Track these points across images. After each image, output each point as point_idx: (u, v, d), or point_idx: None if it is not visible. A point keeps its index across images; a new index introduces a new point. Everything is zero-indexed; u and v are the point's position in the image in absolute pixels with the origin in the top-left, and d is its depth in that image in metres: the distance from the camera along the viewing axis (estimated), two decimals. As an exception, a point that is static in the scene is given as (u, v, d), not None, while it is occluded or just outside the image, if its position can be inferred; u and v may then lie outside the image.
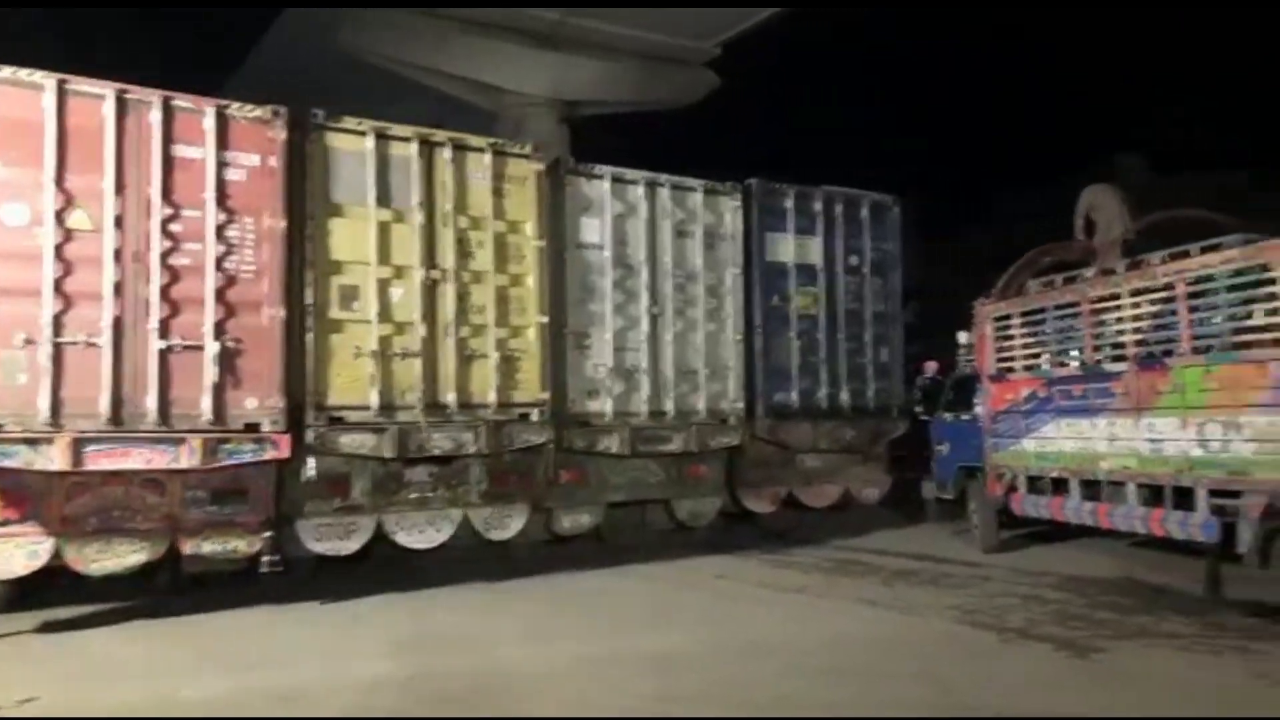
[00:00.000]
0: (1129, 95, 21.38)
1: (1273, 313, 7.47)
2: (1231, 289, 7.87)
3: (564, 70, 19.38)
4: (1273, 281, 7.46)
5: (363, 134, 9.06)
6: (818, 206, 12.06)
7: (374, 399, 8.82)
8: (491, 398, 9.41)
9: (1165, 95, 20.61)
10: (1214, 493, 7.91)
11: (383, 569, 9.67)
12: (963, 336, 11.93)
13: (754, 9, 18.79)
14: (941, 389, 12.54)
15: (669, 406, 10.72)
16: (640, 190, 10.80)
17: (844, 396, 11.99)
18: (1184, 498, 8.25)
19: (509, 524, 9.73)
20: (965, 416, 11.64)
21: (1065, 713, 5.59)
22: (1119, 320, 9.10)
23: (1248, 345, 7.65)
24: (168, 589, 8.84)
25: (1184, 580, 8.69)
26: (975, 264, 12.27)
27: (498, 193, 9.67)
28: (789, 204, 11.86)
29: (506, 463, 9.66)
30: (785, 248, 11.82)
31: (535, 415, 9.61)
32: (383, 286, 8.99)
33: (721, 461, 11.30)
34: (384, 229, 9.06)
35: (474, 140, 9.78)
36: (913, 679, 6.24)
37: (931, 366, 13.70)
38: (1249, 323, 7.71)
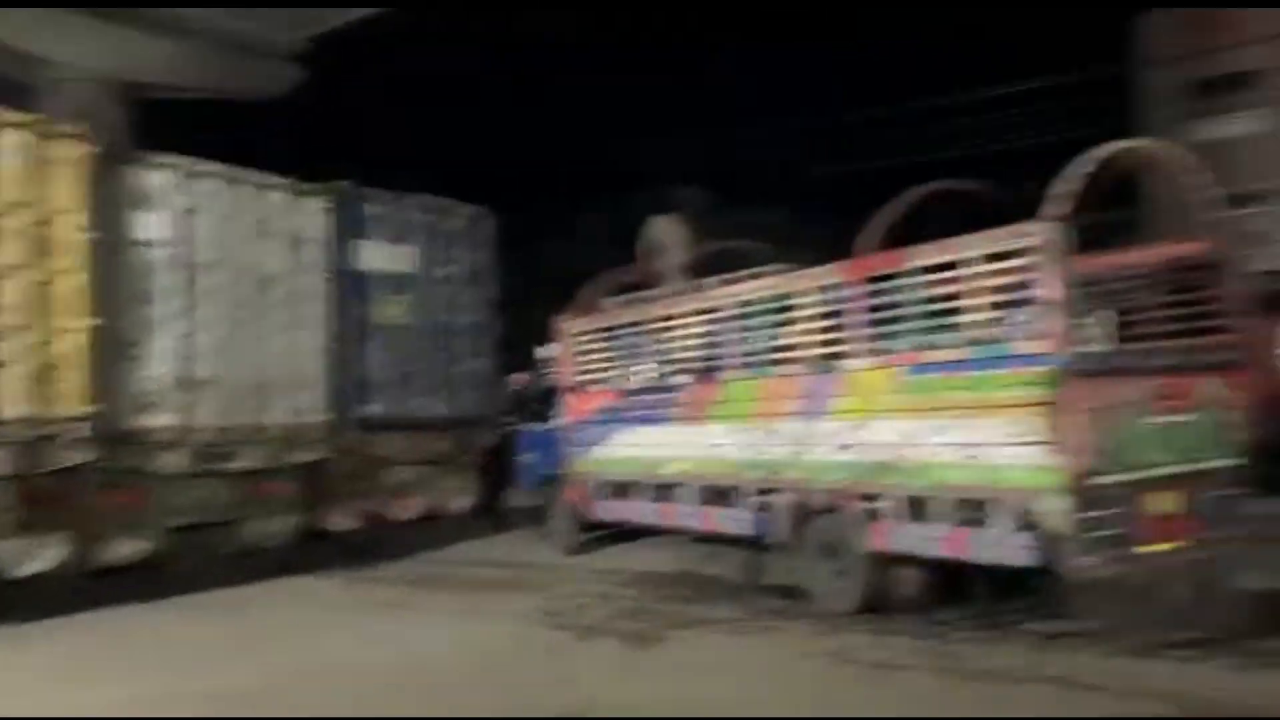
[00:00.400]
0: (690, 134, 23.84)
1: (801, 333, 8.62)
2: (768, 312, 8.96)
3: (124, 46, 17.36)
4: (801, 306, 8.62)
5: None
6: (410, 215, 11.93)
7: None
8: (23, 411, 8.16)
9: (721, 135, 23.32)
10: (756, 491, 8.95)
11: None
12: (545, 349, 12.44)
13: (338, 9, 18.16)
14: (527, 399, 12.97)
15: (241, 420, 9.97)
16: (214, 184, 9.98)
17: (435, 406, 11.95)
18: (734, 496, 9.24)
19: (42, 555, 8.47)
20: (547, 426, 12.13)
21: (631, 703, 6.00)
22: (682, 337, 10.01)
23: (781, 362, 8.77)
24: None
25: (733, 570, 9.74)
26: (559, 278, 12.86)
27: (35, 176, 8.44)
28: (381, 210, 11.62)
29: (40, 486, 8.40)
30: (375, 255, 11.55)
31: (79, 431, 8.47)
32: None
33: (301, 477, 10.72)
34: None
35: (7, 115, 8.45)
36: (483, 684, 6.42)
37: (521, 378, 14.12)
38: (784, 342, 8.83)
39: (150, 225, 9.47)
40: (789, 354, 8.69)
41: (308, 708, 5.96)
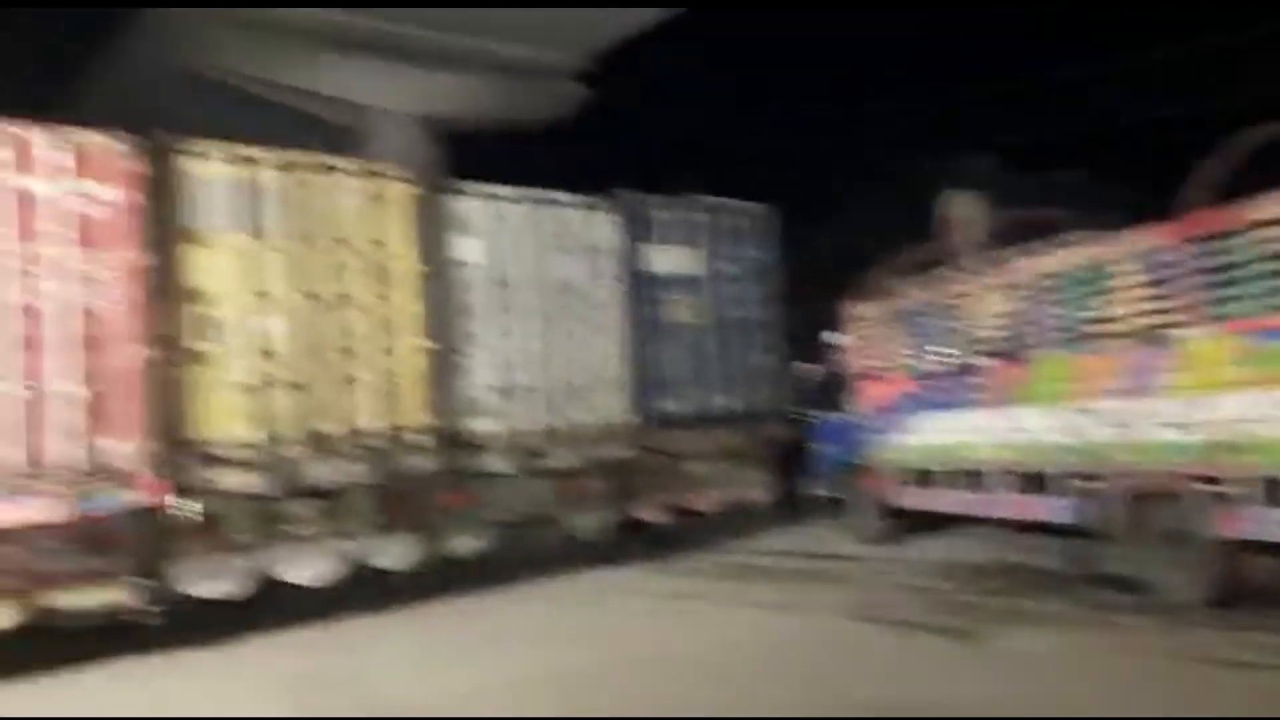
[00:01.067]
0: (976, 93, 22.41)
1: (1119, 305, 7.97)
2: (1081, 283, 8.35)
3: (428, 86, 19.08)
4: (1113, 276, 7.97)
5: (224, 160, 8.73)
6: (695, 217, 12.25)
7: (250, 433, 8.51)
8: (373, 424, 9.21)
9: (1009, 91, 21.71)
10: (1080, 476, 8.38)
11: (266, 607, 9.30)
12: (835, 337, 12.31)
13: (622, 15, 18.78)
14: (819, 390, 12.90)
15: (554, 422, 10.70)
16: (515, 206, 10.75)
17: (728, 402, 12.20)
18: (1054, 483, 8.71)
19: (398, 553, 9.51)
20: (843, 415, 12.00)
21: (961, 699, 5.82)
22: (981, 316, 9.55)
23: (1100, 336, 8.15)
24: (44, 648, 8.29)
25: (1058, 561, 9.17)
26: (838, 265, 12.69)
27: (368, 214, 9.47)
28: (667, 215, 12.01)
29: (391, 490, 9.45)
30: (662, 258, 11.96)
31: (420, 439, 9.44)
32: (253, 316, 8.68)
33: (611, 474, 11.33)
34: (251, 257, 8.74)
35: (344, 162, 9.57)
36: (801, 678, 6.41)
37: (810, 368, 14.07)
38: (1100, 314, 8.20)
39: (467, 249, 10.37)
40: (1107, 327, 8.06)
41: (643, 694, 6.28)
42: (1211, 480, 7.17)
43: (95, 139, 8.02)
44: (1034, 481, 8.90)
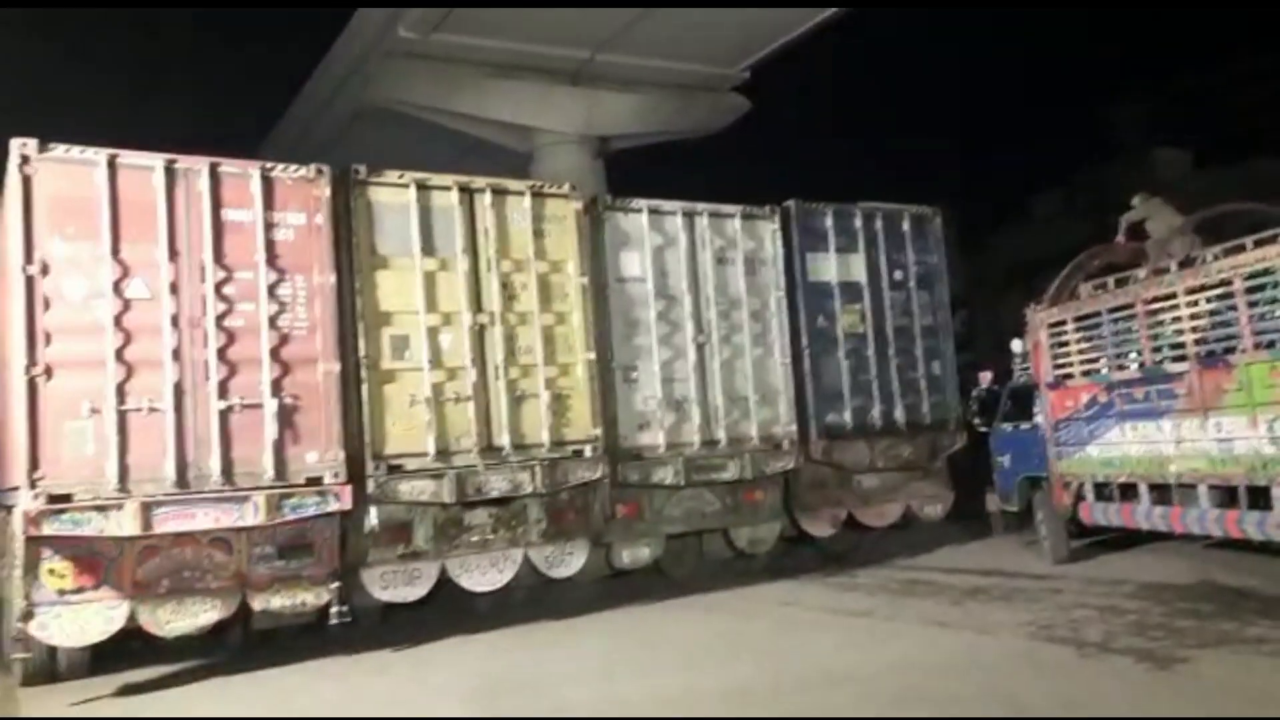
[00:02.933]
0: (1167, 85, 21.03)
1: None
2: (1291, 281, 7.67)
3: (594, 106, 19.56)
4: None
5: (405, 186, 9.22)
6: (857, 223, 12.02)
7: (431, 445, 8.92)
8: (544, 437, 9.47)
9: (1206, 84, 20.26)
10: (1291, 490, 7.69)
11: (448, 613, 9.70)
12: (1017, 345, 11.75)
13: (784, 23, 18.62)
14: (998, 399, 12.35)
15: (721, 434, 10.69)
16: (678, 220, 10.84)
17: (898, 413, 11.88)
18: (1259, 497, 8.02)
19: (569, 561, 9.74)
20: (1025, 426, 11.44)
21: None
22: (1176, 320, 8.91)
23: (1314, 337, 7.46)
24: (239, 646, 8.95)
25: (1265, 582, 8.44)
26: (1018, 269, 12.13)
27: (538, 234, 9.78)
28: (828, 223, 11.83)
29: (563, 500, 9.68)
30: (827, 267, 11.78)
31: (588, 451, 9.64)
32: (432, 334, 9.12)
33: (778, 486, 11.21)
34: (430, 278, 9.19)
35: (513, 184, 9.93)
36: (986, 700, 6.10)
37: (986, 376, 13.50)
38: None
39: (632, 264, 10.53)
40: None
41: (815, 710, 6.15)
42: None
43: (284, 169, 8.63)
44: (1237, 495, 8.21)
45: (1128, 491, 9.61)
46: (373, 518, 8.72)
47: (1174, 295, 8.87)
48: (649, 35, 18.14)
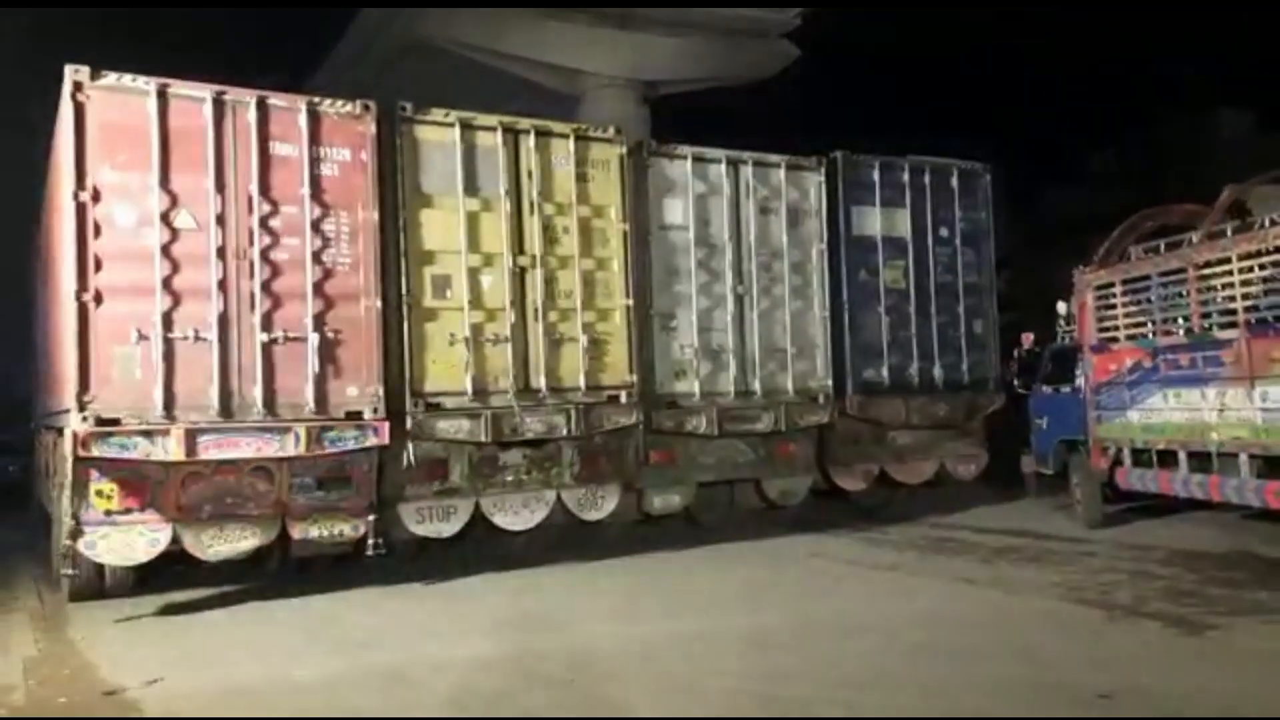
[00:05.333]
0: (1233, 43, 20.24)
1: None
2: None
3: (642, 50, 19.31)
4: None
5: (450, 125, 9.20)
6: (904, 177, 11.83)
7: (469, 384, 9.01)
8: (581, 381, 9.52)
9: (1273, 43, 19.45)
10: (1335, 463, 7.56)
11: (480, 549, 9.88)
12: (1062, 307, 11.57)
13: None
14: (1039, 360, 12.20)
15: (756, 385, 10.68)
16: (722, 169, 10.74)
17: (936, 371, 11.79)
18: (1302, 469, 7.90)
19: (601, 504, 9.84)
20: (1065, 389, 11.31)
21: (1178, 692, 5.41)
22: (1228, 286, 8.72)
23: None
24: (278, 572, 9.20)
25: (1303, 554, 8.35)
26: (1067, 229, 11.88)
27: (582, 177, 9.74)
28: (874, 176, 11.66)
29: (597, 444, 9.77)
30: (872, 221, 11.64)
31: (624, 397, 9.69)
32: (473, 274, 9.15)
33: (811, 439, 11.21)
34: (472, 218, 9.21)
35: (557, 126, 9.88)
36: (1012, 658, 6.13)
37: (1028, 338, 13.33)
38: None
39: (674, 211, 10.46)
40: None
41: (834, 660, 6.23)
42: None
43: (330, 104, 8.64)
44: (1278, 466, 8.08)
45: (1166, 458, 9.50)
46: (410, 453, 8.85)
47: (1228, 260, 8.67)
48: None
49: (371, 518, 8.61)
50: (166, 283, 7.93)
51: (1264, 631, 6.53)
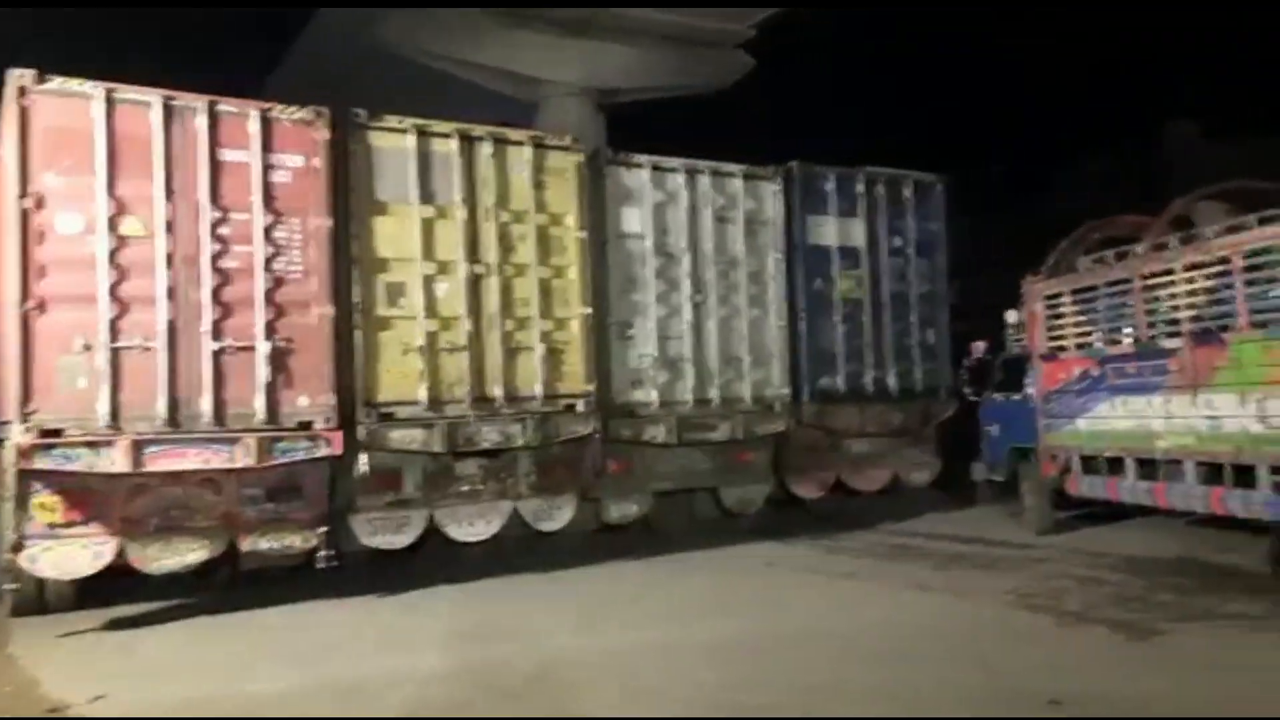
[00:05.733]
0: (1180, 59, 20.74)
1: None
2: (1291, 261, 7.66)
3: (599, 58, 19.31)
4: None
5: (404, 131, 9.13)
6: (860, 188, 11.95)
7: (423, 394, 8.92)
8: (538, 390, 9.47)
9: (1218, 59, 19.99)
10: (1276, 469, 7.74)
11: (434, 561, 9.77)
12: (1012, 315, 11.75)
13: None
14: (990, 369, 12.39)
15: (714, 394, 10.71)
16: (680, 178, 10.77)
17: (891, 379, 11.91)
18: (1245, 475, 8.08)
19: (558, 515, 9.79)
20: (1016, 396, 11.48)
21: (1127, 698, 5.50)
22: (1173, 296, 8.91)
23: (1309, 318, 7.47)
24: (226, 585, 9.02)
25: (1247, 559, 8.53)
26: (1020, 241, 12.06)
27: (539, 185, 9.71)
28: (830, 186, 11.77)
29: (554, 454, 9.71)
30: (828, 231, 11.74)
31: (581, 406, 9.65)
32: (428, 283, 9.07)
33: (769, 448, 11.26)
34: (428, 225, 9.13)
35: (514, 134, 9.84)
36: (967, 664, 6.19)
37: (979, 346, 13.49)
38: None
39: (632, 220, 10.47)
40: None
41: (794, 668, 6.25)
42: None
43: (283, 110, 8.53)
44: (1225, 473, 8.27)
45: (1114, 465, 9.67)
46: (363, 464, 8.73)
47: (1172, 271, 8.87)
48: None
49: (323, 529, 8.49)
50: (113, 291, 7.77)
51: (1209, 636, 6.67)
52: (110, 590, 8.37)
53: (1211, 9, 18.97)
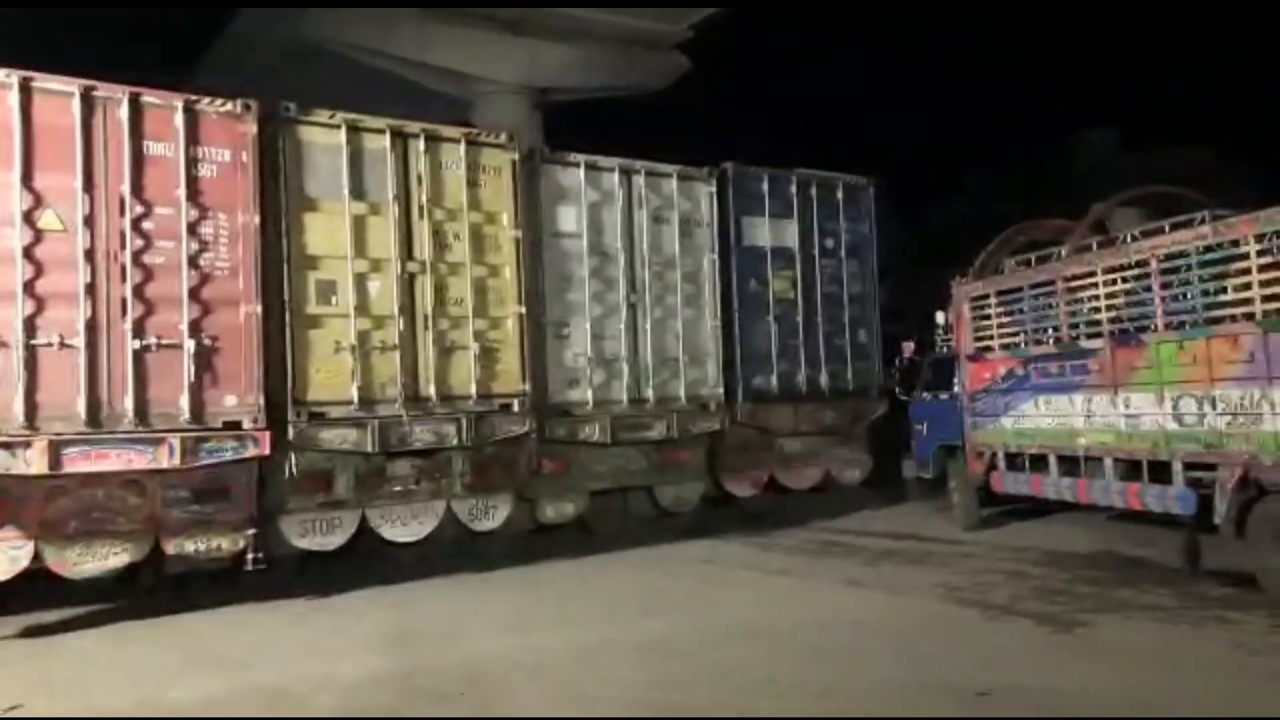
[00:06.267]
0: (1099, 69, 21.48)
1: (1244, 287, 7.56)
2: (1203, 265, 7.95)
3: (535, 56, 19.24)
4: (1244, 256, 7.55)
5: (335, 126, 8.98)
6: (792, 190, 12.09)
7: (354, 393, 8.79)
8: (472, 389, 9.40)
9: (1135, 70, 20.73)
10: (1190, 465, 8.03)
11: (367, 563, 9.63)
12: (940, 316, 12.00)
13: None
14: (919, 369, 12.63)
15: (649, 394, 10.74)
16: (615, 177, 10.78)
17: (823, 379, 12.07)
18: (1161, 471, 8.36)
19: (493, 515, 9.73)
20: (944, 396, 11.73)
21: (1051, 688, 5.65)
22: (1094, 298, 9.19)
23: (1220, 320, 7.76)
24: (151, 590, 8.78)
25: (1162, 552, 8.83)
26: (945, 242, 12.34)
27: (473, 183, 9.63)
28: (764, 188, 11.88)
29: (488, 454, 9.64)
30: (761, 232, 11.85)
31: (516, 406, 9.60)
32: (360, 280, 8.94)
33: (703, 447, 11.33)
34: (359, 222, 9.00)
35: (448, 131, 9.74)
36: (898, 658, 6.31)
37: (909, 347, 13.77)
38: (1221, 298, 7.80)
39: (568, 219, 10.45)
40: (1230, 311, 7.66)
41: (727, 664, 6.30)
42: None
43: (209, 103, 8.34)
44: (1142, 469, 8.56)
45: (1038, 462, 9.93)
46: (292, 465, 8.58)
47: (1093, 274, 9.14)
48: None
49: (251, 531, 8.32)
50: (29, 287, 7.52)
51: (1126, 627, 6.90)
52: (29, 596, 8.10)
53: (1132, 24, 19.64)
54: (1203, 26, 19.55)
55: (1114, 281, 8.91)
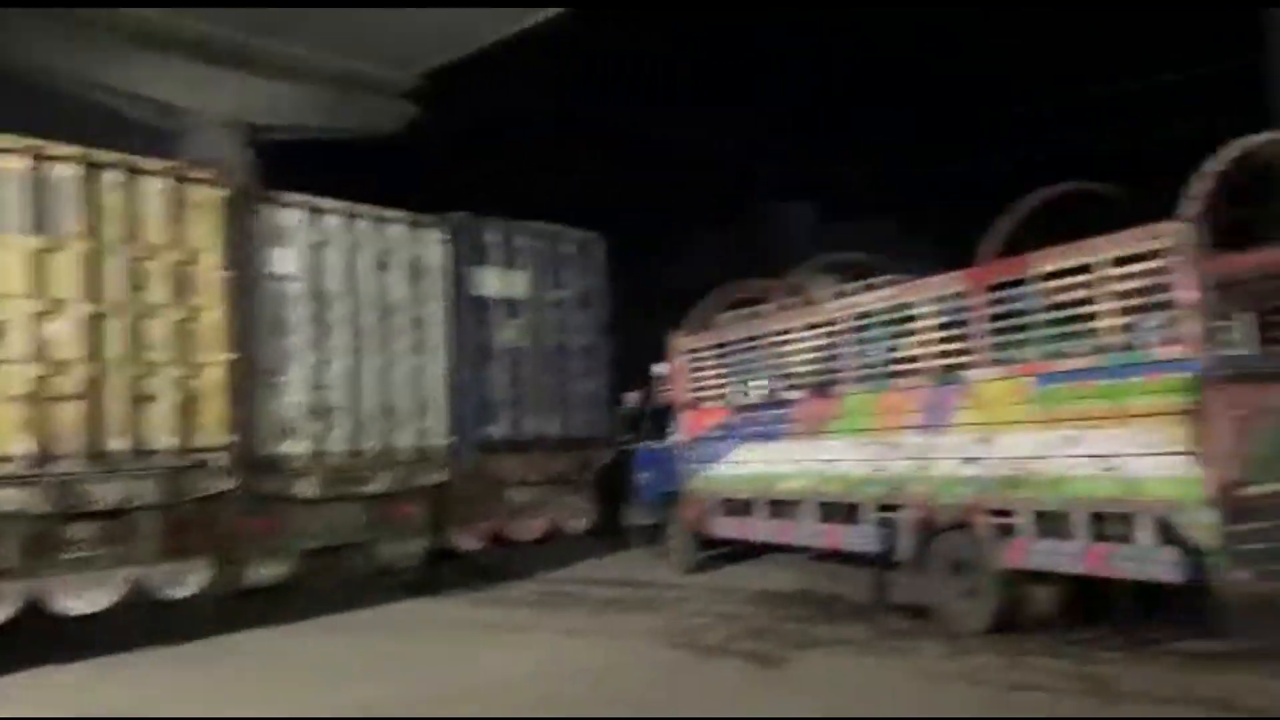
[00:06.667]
0: (798, 148, 23.48)
1: (919, 345, 8.44)
2: (886, 324, 8.81)
3: (246, 91, 18.22)
4: (918, 317, 8.44)
5: (13, 152, 8.05)
6: (523, 241, 12.18)
7: (25, 448, 7.81)
8: (168, 442, 8.63)
9: (829, 150, 22.84)
10: (879, 507, 8.78)
11: (42, 638, 8.50)
12: (658, 368, 12.49)
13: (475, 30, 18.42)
14: (642, 418, 13.04)
15: (371, 445, 10.33)
16: (336, 219, 10.39)
17: (551, 428, 12.15)
18: (854, 513, 9.08)
19: (190, 580, 8.89)
20: (663, 444, 12.16)
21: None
22: (795, 353, 9.92)
23: (900, 374, 8.60)
24: None
25: (856, 589, 9.56)
26: (670, 299, 12.91)
27: (176, 220, 8.93)
28: (494, 238, 11.89)
29: (186, 513, 8.83)
30: (491, 282, 11.83)
31: (219, 460, 8.91)
32: (36, 322, 8.00)
33: (428, 500, 11.01)
34: (37, 258, 8.08)
35: (148, 163, 8.99)
36: (614, 701, 6.41)
37: (632, 396, 14.19)
38: (901, 354, 8.67)
39: (282, 261, 9.92)
40: (909, 366, 8.52)
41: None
42: (997, 513, 7.64)
43: None
44: (841, 512, 9.26)
45: (749, 507, 10.51)
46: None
47: (793, 330, 9.88)
48: (317, 27, 17.27)
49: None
50: None
51: (824, 660, 7.41)
52: None
53: (826, 107, 21.71)
54: (882, 123, 21.97)
55: (812, 338, 9.67)
